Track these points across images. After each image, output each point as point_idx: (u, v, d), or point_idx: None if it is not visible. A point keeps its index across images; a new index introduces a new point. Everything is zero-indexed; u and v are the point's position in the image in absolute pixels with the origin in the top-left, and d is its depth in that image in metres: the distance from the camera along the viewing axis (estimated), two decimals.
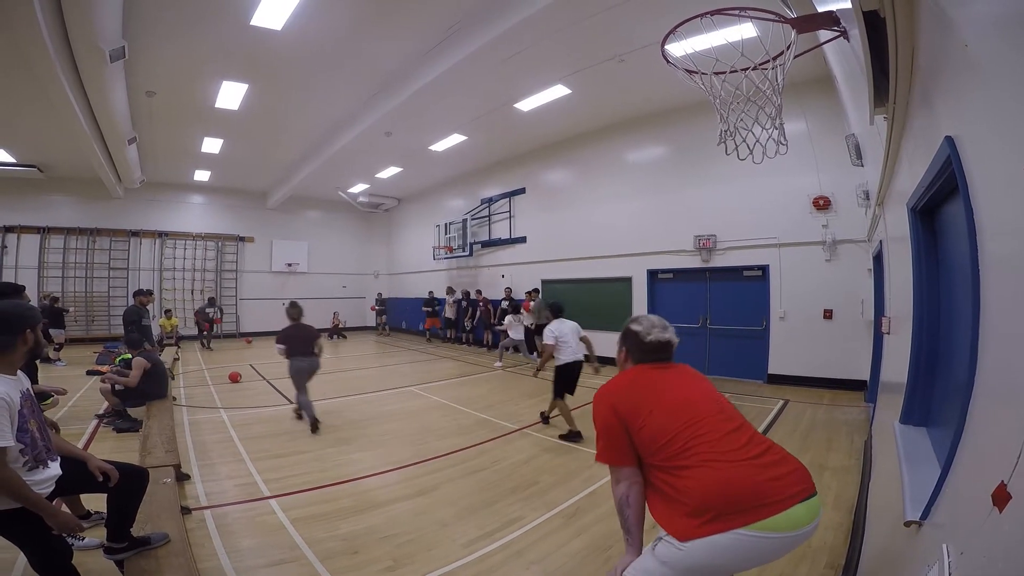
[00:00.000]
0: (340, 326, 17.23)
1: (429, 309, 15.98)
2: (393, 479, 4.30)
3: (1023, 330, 1.05)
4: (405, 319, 18.37)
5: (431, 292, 16.26)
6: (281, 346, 6.02)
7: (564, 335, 5.54)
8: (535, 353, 11.95)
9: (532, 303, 11.79)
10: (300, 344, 5.99)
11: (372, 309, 18.55)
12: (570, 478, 4.27)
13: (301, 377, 5.96)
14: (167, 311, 13.71)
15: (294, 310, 6.18)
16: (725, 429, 1.72)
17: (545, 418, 6.11)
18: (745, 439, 1.69)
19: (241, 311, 17.06)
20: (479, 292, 13.95)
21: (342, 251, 19.57)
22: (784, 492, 1.55)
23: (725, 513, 1.52)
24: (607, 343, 10.22)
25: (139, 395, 5.75)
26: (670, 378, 1.94)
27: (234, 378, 8.95)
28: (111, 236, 14.97)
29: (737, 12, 3.53)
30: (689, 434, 1.70)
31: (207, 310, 14.49)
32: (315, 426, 5.69)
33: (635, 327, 2.03)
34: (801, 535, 1.55)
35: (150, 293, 7.73)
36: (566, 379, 5.57)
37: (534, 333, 11.99)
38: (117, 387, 5.65)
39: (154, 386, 5.87)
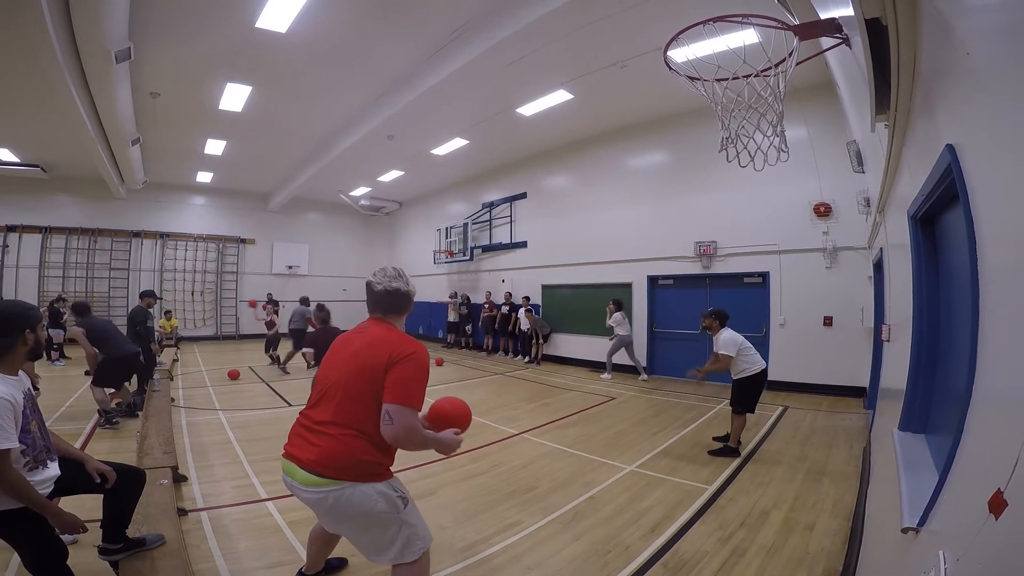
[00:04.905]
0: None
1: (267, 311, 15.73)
2: None
3: (1022, 339, 1.05)
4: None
5: (269, 293, 15.23)
6: (309, 350, 6.01)
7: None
8: (529, 356, 12.06)
9: (533, 316, 11.91)
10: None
11: None
12: (568, 483, 4.26)
13: None
14: (167, 312, 13.71)
15: (322, 312, 6.17)
16: (323, 396, 2.08)
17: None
18: (327, 409, 2.02)
19: (241, 312, 17.05)
20: (488, 294, 13.80)
21: (343, 254, 19.54)
22: (294, 448, 2.08)
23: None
24: (605, 348, 10.20)
25: (111, 369, 5.70)
26: (353, 339, 2.15)
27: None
28: (113, 237, 15.00)
29: (740, 19, 3.55)
30: (317, 383, 2.16)
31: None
32: None
33: (371, 278, 2.16)
34: (298, 489, 2.02)
35: (155, 295, 7.74)
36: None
37: (530, 337, 12.04)
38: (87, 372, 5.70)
39: (112, 346, 5.75)
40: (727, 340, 4.97)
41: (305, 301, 10.93)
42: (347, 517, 1.99)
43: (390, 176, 15.02)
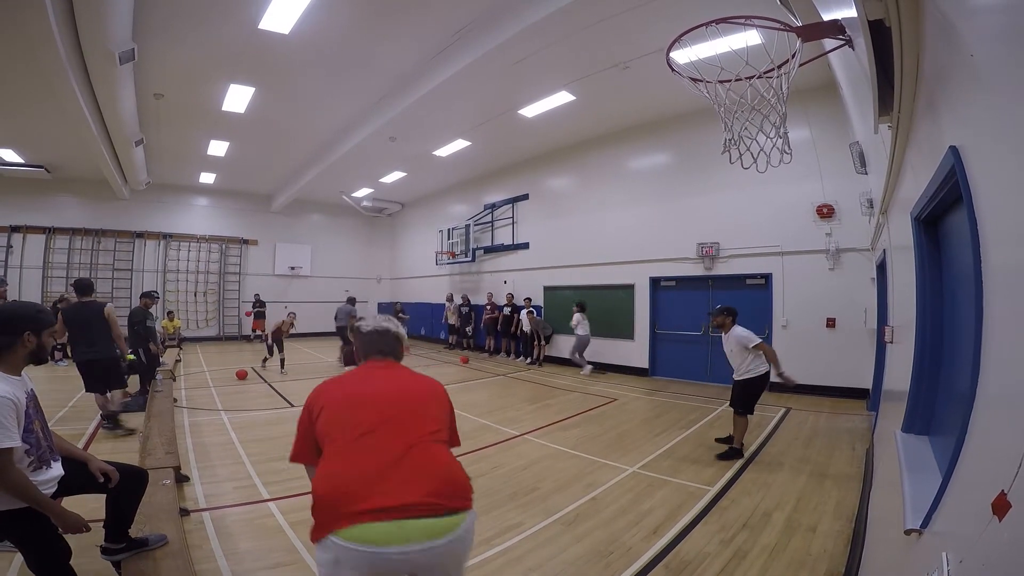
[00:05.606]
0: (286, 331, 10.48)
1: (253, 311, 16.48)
2: None
3: None
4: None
5: (257, 295, 16.78)
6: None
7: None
8: (530, 358, 12.06)
9: (535, 318, 11.90)
10: None
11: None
12: (570, 484, 4.25)
13: None
14: (169, 312, 13.77)
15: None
16: (370, 429, 1.61)
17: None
18: (407, 429, 1.64)
19: (242, 313, 17.08)
20: (490, 295, 13.73)
21: (345, 255, 19.60)
22: (384, 499, 1.43)
23: (325, 513, 1.45)
24: (607, 350, 10.20)
25: (81, 373, 5.30)
26: (369, 376, 1.90)
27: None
28: (116, 237, 15.05)
29: (742, 20, 3.54)
30: (344, 426, 1.65)
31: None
32: None
33: (358, 323, 2.13)
34: (416, 550, 1.41)
35: (153, 296, 7.79)
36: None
37: (532, 338, 12.03)
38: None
39: (78, 348, 5.31)
40: (745, 333, 4.92)
41: (352, 301, 11.48)
42: (460, 558, 1.60)
43: (392, 177, 15.05)
